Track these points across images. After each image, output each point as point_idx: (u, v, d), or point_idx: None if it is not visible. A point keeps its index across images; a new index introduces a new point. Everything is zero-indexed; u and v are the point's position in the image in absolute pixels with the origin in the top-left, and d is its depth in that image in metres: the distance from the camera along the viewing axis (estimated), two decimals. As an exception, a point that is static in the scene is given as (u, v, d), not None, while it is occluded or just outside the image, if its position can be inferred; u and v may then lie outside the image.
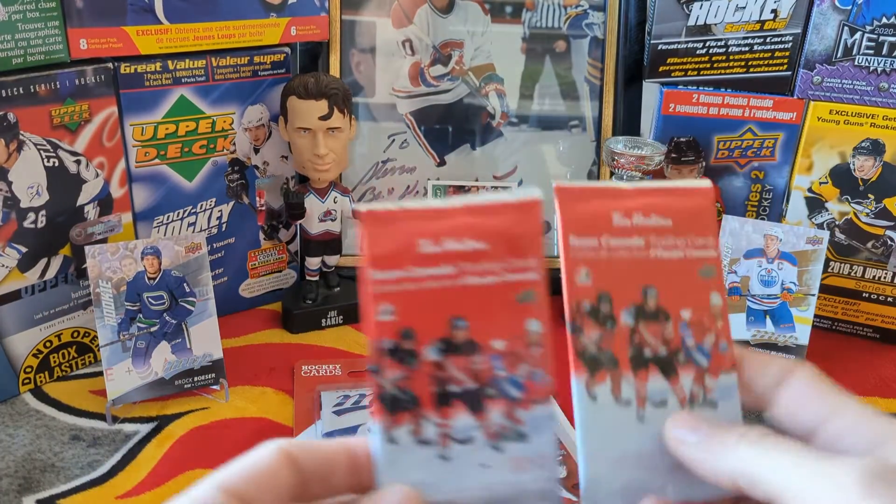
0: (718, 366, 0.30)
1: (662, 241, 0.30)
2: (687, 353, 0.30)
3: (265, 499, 0.27)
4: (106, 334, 0.63)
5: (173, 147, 0.72)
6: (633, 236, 0.30)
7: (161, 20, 0.68)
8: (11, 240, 0.64)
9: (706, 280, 0.30)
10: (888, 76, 0.73)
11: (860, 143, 0.75)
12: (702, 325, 0.30)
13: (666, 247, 0.30)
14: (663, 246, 0.30)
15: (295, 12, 0.76)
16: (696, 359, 0.30)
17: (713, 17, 0.77)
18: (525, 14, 0.85)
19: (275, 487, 0.27)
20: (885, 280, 0.79)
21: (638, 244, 0.30)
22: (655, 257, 0.30)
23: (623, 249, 0.30)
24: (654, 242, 0.30)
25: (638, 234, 0.30)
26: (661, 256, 0.30)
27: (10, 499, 0.56)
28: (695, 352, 0.30)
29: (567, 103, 0.87)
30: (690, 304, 0.30)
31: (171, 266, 0.65)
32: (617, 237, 0.30)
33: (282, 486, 0.27)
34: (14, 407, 0.66)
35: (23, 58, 0.61)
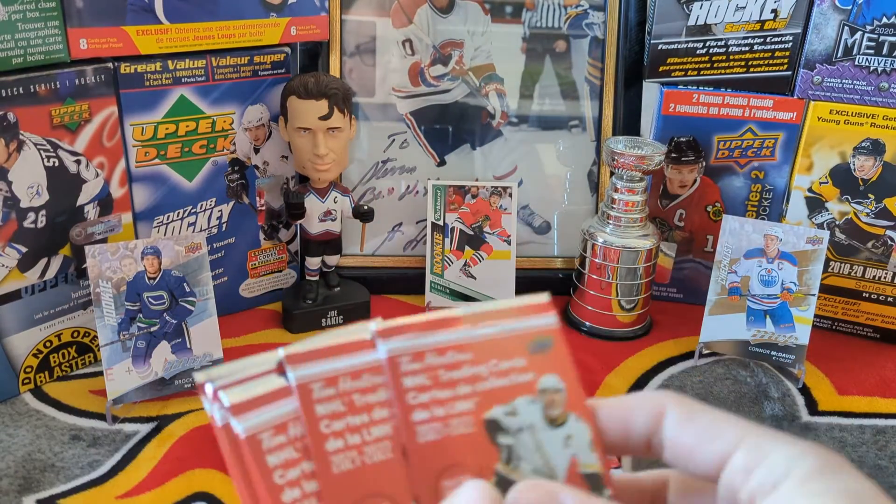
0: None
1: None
2: None
3: None
4: (106, 334, 0.63)
5: (173, 147, 0.72)
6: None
7: (161, 20, 0.68)
8: (11, 240, 0.64)
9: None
10: (888, 76, 0.73)
11: (860, 143, 0.75)
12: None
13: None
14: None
15: (295, 12, 0.76)
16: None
17: (713, 17, 0.77)
18: (525, 14, 0.85)
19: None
20: (885, 280, 0.79)
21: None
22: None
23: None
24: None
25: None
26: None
27: (10, 499, 0.56)
28: None
29: (567, 103, 0.87)
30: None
31: (171, 266, 0.65)
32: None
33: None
34: (14, 407, 0.66)
35: (23, 58, 0.61)
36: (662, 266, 0.86)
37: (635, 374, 0.74)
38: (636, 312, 0.80)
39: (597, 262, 0.78)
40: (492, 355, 0.30)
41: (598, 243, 0.78)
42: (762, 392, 0.71)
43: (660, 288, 0.87)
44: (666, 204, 0.84)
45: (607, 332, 0.80)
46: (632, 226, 0.77)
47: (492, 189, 0.84)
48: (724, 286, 0.75)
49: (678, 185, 0.83)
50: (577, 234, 0.86)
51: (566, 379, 0.30)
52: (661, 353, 0.78)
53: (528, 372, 0.30)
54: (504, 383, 0.29)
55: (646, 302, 0.80)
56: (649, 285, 0.80)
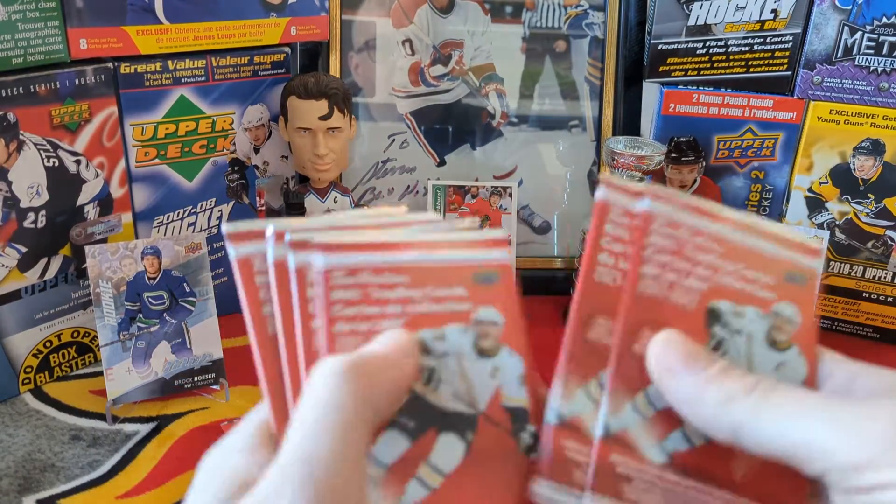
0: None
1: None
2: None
3: (386, 384, 0.27)
4: (106, 334, 0.63)
5: (173, 147, 0.72)
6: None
7: (161, 20, 0.68)
8: (11, 240, 0.64)
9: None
10: (888, 76, 0.73)
11: (860, 143, 0.75)
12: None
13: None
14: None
15: (295, 12, 0.76)
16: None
17: (713, 17, 0.77)
18: (525, 14, 0.85)
19: (398, 377, 0.27)
20: (885, 280, 0.79)
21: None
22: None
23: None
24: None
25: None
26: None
27: (11, 499, 0.56)
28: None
29: (567, 103, 0.87)
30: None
31: (171, 266, 0.65)
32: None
33: (405, 375, 0.27)
34: (14, 407, 0.66)
35: (23, 58, 0.61)
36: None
37: (635, 374, 0.74)
38: (636, 312, 0.80)
39: (597, 262, 0.78)
40: (431, 281, 0.30)
41: (599, 243, 0.78)
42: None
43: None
44: (666, 204, 0.84)
45: (607, 332, 0.80)
46: (632, 226, 0.77)
47: (492, 189, 0.84)
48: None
49: (678, 185, 0.83)
50: (577, 234, 0.86)
51: (506, 314, 0.30)
52: (661, 353, 0.77)
53: (466, 302, 0.30)
54: (437, 309, 0.30)
55: (646, 302, 0.80)
56: (649, 285, 0.80)
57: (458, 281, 0.30)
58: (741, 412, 0.25)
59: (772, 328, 0.30)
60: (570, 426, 0.29)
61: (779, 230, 0.31)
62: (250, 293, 0.30)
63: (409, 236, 0.30)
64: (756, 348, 0.30)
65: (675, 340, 0.28)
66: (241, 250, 0.30)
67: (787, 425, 0.25)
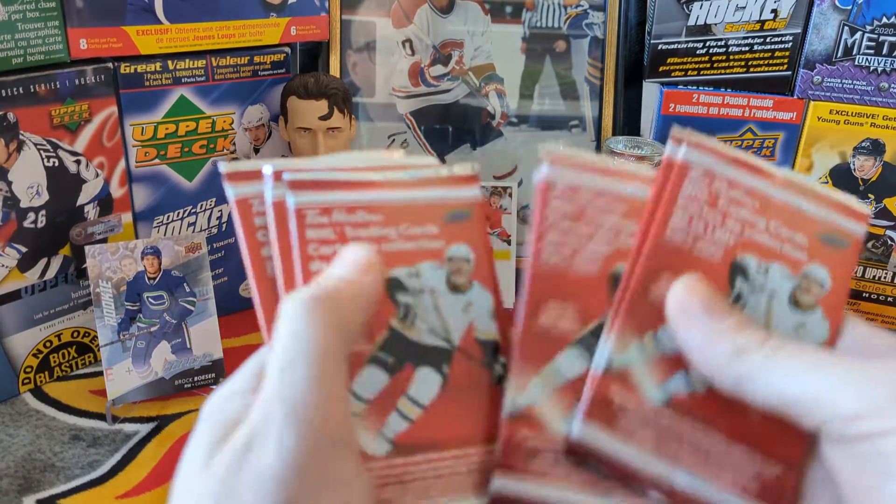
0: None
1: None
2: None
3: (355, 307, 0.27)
4: (106, 334, 0.63)
5: (173, 147, 0.72)
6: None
7: (161, 20, 0.68)
8: (11, 240, 0.64)
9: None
10: (888, 76, 0.73)
11: (860, 143, 0.75)
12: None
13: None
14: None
15: (295, 12, 0.76)
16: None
17: (713, 17, 0.77)
18: (525, 14, 0.85)
19: (364, 298, 0.27)
20: (885, 280, 0.79)
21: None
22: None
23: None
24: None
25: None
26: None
27: (11, 499, 0.56)
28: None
29: (567, 103, 0.87)
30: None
31: (171, 266, 0.65)
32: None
33: (369, 294, 0.28)
34: (14, 407, 0.66)
35: (23, 58, 0.61)
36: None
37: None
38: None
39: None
40: (404, 220, 0.30)
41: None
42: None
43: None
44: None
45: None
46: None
47: (492, 189, 0.84)
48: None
49: (678, 185, 0.83)
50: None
51: (477, 251, 0.31)
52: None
53: (438, 239, 0.30)
54: (411, 247, 0.30)
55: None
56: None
57: (431, 219, 0.30)
58: (749, 364, 0.26)
59: (798, 288, 0.30)
60: (525, 416, 0.29)
61: (824, 191, 0.31)
62: (249, 234, 0.30)
63: (382, 176, 0.31)
64: (776, 307, 0.29)
65: (697, 285, 0.28)
66: (239, 191, 0.30)
67: (791, 378, 0.25)
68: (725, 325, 0.27)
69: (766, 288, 0.29)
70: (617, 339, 0.29)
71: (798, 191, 0.30)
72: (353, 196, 0.30)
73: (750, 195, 0.30)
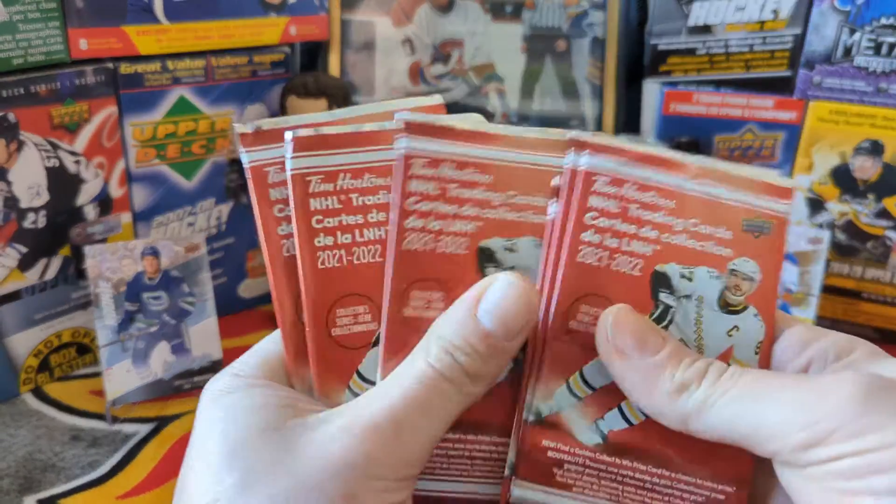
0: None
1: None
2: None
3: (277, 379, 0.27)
4: (105, 334, 0.63)
5: (173, 147, 0.72)
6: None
7: (161, 20, 0.68)
8: (11, 240, 0.64)
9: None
10: (888, 77, 0.73)
11: (860, 144, 0.75)
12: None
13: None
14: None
15: (294, 12, 0.76)
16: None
17: (713, 17, 0.77)
18: (525, 13, 0.85)
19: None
20: (885, 280, 0.79)
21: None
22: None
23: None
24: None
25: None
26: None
27: (12, 498, 0.56)
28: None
29: (567, 103, 0.87)
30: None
31: (170, 266, 0.65)
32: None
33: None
34: (14, 407, 0.66)
35: (23, 58, 0.61)
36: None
37: (635, 375, 0.74)
38: (636, 312, 0.80)
39: (596, 262, 0.78)
40: (514, 185, 0.28)
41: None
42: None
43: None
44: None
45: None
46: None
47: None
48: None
49: (678, 185, 0.83)
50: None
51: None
52: (660, 354, 0.77)
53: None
54: (514, 217, 0.28)
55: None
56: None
57: (539, 188, 0.28)
58: (692, 402, 0.25)
59: (726, 289, 0.28)
60: (550, 424, 0.28)
61: (744, 172, 0.28)
62: (264, 208, 0.28)
63: (503, 130, 0.28)
64: (707, 312, 0.27)
65: (624, 318, 0.26)
66: (255, 156, 0.27)
67: (736, 412, 0.25)
68: (661, 358, 0.26)
69: (694, 294, 0.28)
70: (541, 389, 0.27)
71: (716, 178, 0.28)
72: (470, 150, 0.27)
73: (664, 195, 0.28)
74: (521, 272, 0.27)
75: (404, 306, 0.27)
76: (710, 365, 0.26)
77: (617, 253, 0.27)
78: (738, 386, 0.25)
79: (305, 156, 0.27)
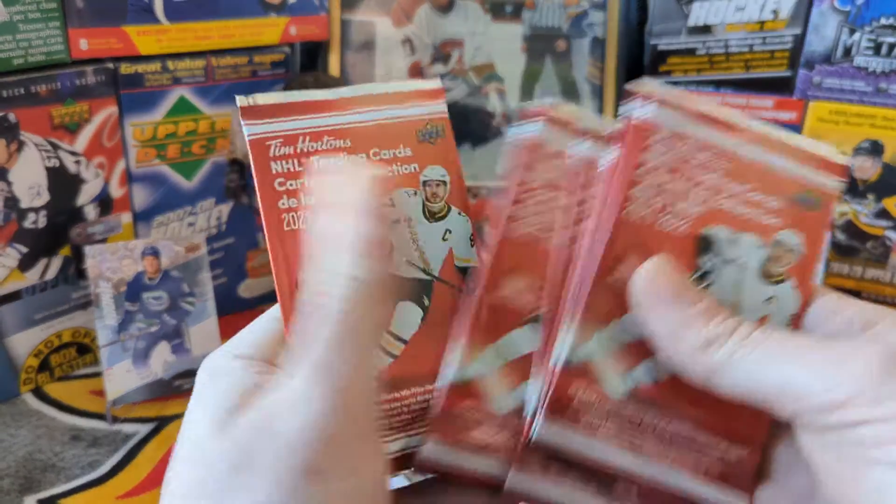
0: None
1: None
2: None
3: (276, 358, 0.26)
4: (106, 334, 0.63)
5: (173, 147, 0.72)
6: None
7: (161, 20, 0.68)
8: (12, 240, 0.64)
9: None
10: (888, 77, 0.73)
11: (860, 144, 0.75)
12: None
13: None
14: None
15: (294, 12, 0.76)
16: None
17: (713, 17, 0.77)
18: (525, 13, 0.85)
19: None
20: (885, 280, 0.79)
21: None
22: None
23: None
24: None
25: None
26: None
27: (12, 498, 0.56)
28: None
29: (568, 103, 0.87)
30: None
31: (170, 266, 0.65)
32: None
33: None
34: (15, 407, 0.66)
35: (24, 59, 0.61)
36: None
37: (635, 375, 0.74)
38: (636, 312, 0.80)
39: (596, 262, 0.78)
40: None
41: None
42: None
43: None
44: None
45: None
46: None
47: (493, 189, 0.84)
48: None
49: (678, 185, 0.83)
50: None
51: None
52: (660, 354, 0.78)
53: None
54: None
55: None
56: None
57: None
58: (718, 357, 0.25)
59: (769, 259, 0.28)
60: (470, 386, 0.27)
61: (799, 142, 0.28)
62: (264, 182, 0.27)
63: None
64: (747, 279, 0.27)
65: (665, 268, 0.26)
66: (255, 129, 0.27)
67: (761, 370, 0.24)
68: (694, 312, 0.26)
69: (737, 260, 0.27)
70: (578, 331, 0.27)
71: (771, 146, 0.28)
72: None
73: (720, 157, 0.27)
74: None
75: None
76: (741, 323, 0.26)
77: (666, 210, 0.27)
78: (764, 344, 0.25)
79: (263, 122, 0.27)
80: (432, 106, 0.29)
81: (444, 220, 0.28)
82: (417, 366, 0.28)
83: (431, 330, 0.28)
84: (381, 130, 0.28)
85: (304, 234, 0.26)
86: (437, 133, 0.29)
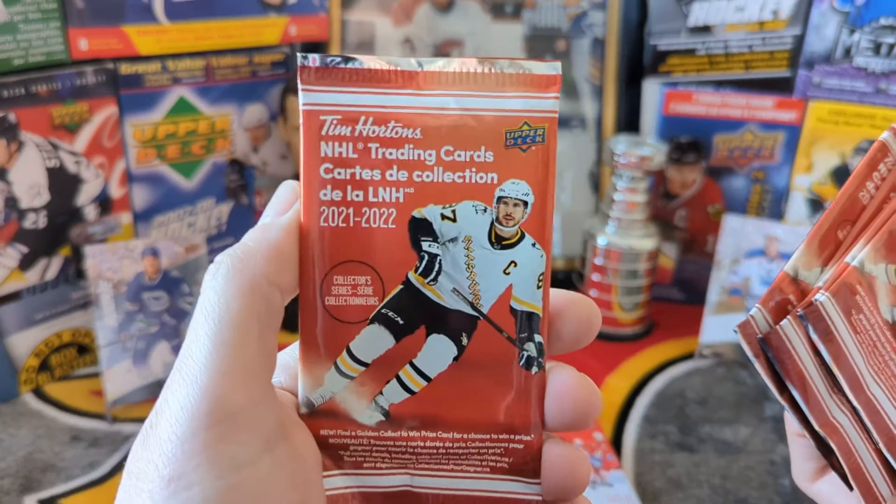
0: None
1: None
2: None
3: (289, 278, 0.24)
4: (106, 335, 0.63)
5: (173, 147, 0.72)
6: None
7: (161, 20, 0.68)
8: (12, 240, 0.64)
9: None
10: (887, 77, 0.73)
11: (860, 144, 0.75)
12: None
13: None
14: None
15: (294, 12, 0.76)
16: None
17: (713, 18, 0.77)
18: (525, 13, 0.85)
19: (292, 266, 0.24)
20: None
21: None
22: None
23: None
24: None
25: None
26: None
27: (12, 498, 0.56)
28: None
29: (568, 103, 0.87)
30: None
31: (170, 266, 0.65)
32: None
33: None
34: (15, 407, 0.66)
35: (24, 59, 0.61)
36: (663, 267, 0.86)
37: (636, 375, 0.74)
38: (637, 313, 0.80)
39: (598, 262, 0.78)
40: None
41: (599, 244, 0.78)
42: (763, 393, 0.71)
43: (661, 288, 0.87)
44: (667, 204, 0.84)
45: (608, 332, 0.80)
46: (633, 226, 0.77)
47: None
48: (725, 287, 0.75)
49: (679, 185, 0.83)
50: (578, 234, 0.86)
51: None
52: (661, 354, 0.78)
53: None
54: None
55: (647, 303, 0.80)
56: (651, 286, 0.80)
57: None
58: None
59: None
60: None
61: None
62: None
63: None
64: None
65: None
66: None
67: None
68: None
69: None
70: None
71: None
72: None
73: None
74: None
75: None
76: None
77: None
78: None
79: (323, 90, 0.23)
80: (539, 100, 0.23)
81: (513, 248, 0.24)
82: (435, 409, 0.25)
83: (462, 373, 0.25)
84: (463, 124, 0.23)
85: (344, 234, 0.24)
86: (532, 138, 0.23)
